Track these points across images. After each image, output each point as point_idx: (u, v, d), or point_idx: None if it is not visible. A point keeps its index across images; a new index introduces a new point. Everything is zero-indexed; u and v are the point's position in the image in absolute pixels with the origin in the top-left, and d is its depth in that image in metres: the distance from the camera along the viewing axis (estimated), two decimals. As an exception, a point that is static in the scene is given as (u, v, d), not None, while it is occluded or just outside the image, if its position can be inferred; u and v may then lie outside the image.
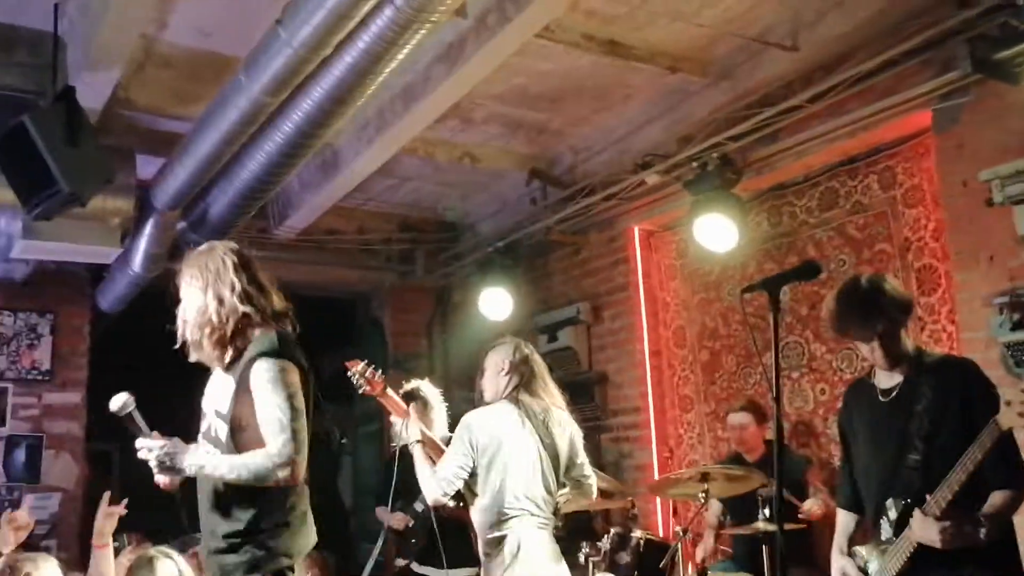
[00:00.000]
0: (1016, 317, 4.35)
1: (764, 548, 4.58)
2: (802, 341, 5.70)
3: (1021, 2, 4.10)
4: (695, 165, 5.63)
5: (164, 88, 5.52)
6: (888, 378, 3.32)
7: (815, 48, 5.09)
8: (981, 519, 2.99)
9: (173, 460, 2.97)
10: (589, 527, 6.32)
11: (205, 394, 3.27)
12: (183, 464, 2.97)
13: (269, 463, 2.90)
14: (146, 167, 5.85)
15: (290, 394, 2.97)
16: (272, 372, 2.98)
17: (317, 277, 8.13)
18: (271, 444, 2.93)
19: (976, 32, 4.39)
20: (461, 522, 4.91)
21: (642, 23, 5.09)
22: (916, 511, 3.04)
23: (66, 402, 7.23)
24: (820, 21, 5.01)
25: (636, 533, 5.09)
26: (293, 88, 4.32)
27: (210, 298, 3.07)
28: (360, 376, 4.45)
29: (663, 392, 6.69)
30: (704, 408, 6.40)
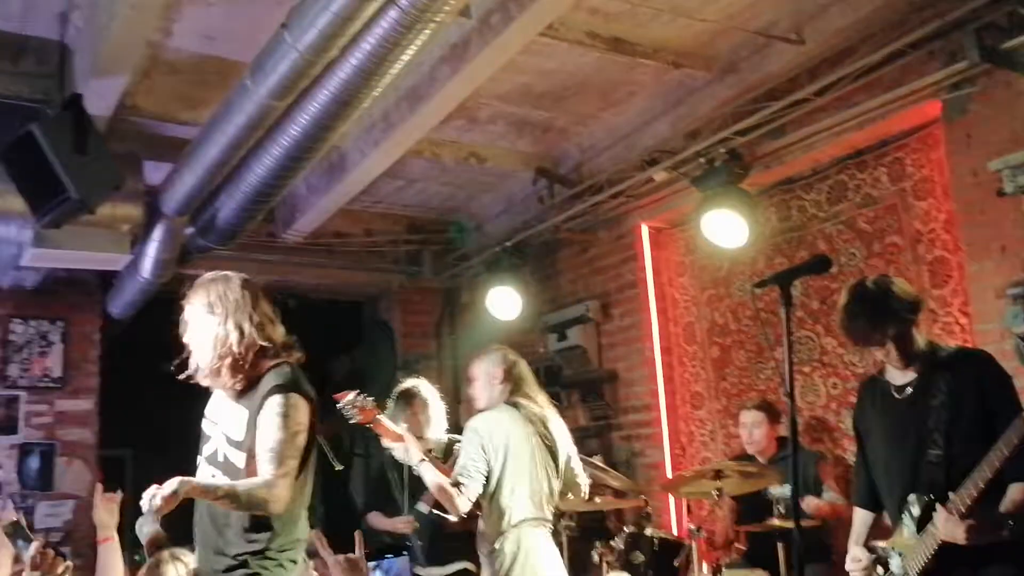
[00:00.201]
0: (1031, 308, 4.33)
1: (779, 545, 4.56)
2: (813, 335, 5.68)
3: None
4: (702, 161, 5.61)
5: (171, 94, 5.52)
6: (902, 375, 3.31)
7: (821, 40, 5.07)
8: (1006, 516, 2.97)
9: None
10: (602, 526, 6.32)
11: (207, 416, 3.34)
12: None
13: (264, 491, 2.98)
14: (154, 173, 5.86)
15: (295, 432, 3.08)
16: (284, 408, 3.08)
17: (325, 280, 8.15)
18: (264, 471, 3.02)
19: (983, 22, 4.36)
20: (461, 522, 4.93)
21: (645, 20, 5.08)
22: (940, 508, 3.02)
23: (78, 409, 7.24)
24: (825, 13, 4.99)
25: (650, 532, 5.08)
26: (299, 92, 4.31)
27: (231, 327, 3.14)
28: (351, 407, 4.47)
29: (674, 389, 6.68)
30: (715, 405, 6.39)
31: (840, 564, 3.60)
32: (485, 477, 4.19)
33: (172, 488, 2.77)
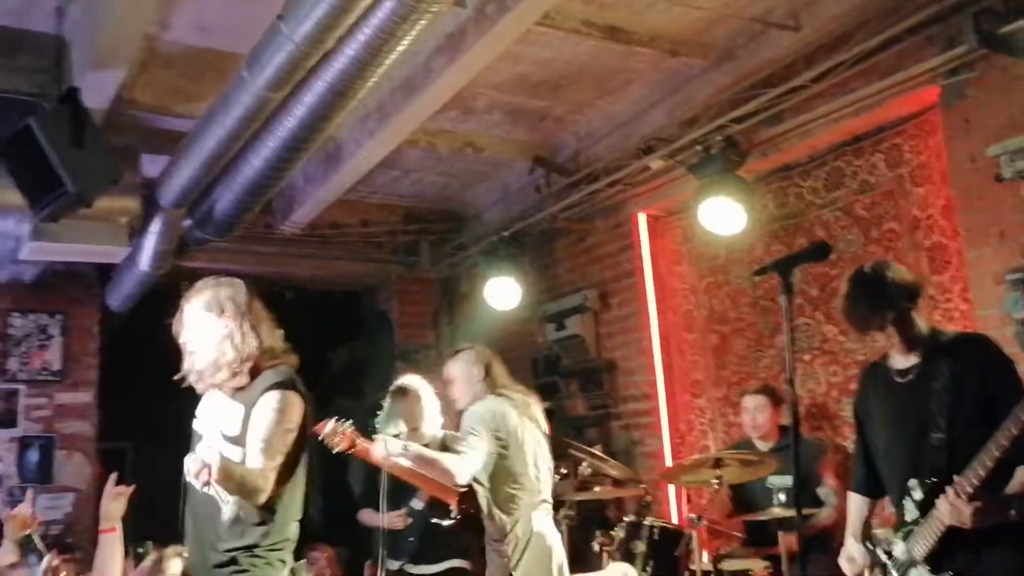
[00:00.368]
0: (1031, 294, 4.32)
1: (779, 534, 4.57)
2: (813, 322, 5.68)
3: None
4: (699, 148, 5.60)
5: (168, 87, 5.52)
6: (904, 360, 3.33)
7: (817, 27, 5.05)
8: (1011, 498, 2.98)
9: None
10: (602, 516, 6.32)
11: (199, 416, 3.40)
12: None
13: (253, 480, 3.09)
14: (151, 166, 5.85)
15: (287, 429, 3.19)
16: (281, 404, 3.19)
17: (323, 271, 8.16)
18: (254, 462, 3.11)
19: (980, 6, 4.35)
20: (433, 492, 4.92)
21: (641, 8, 5.07)
22: (947, 490, 3.02)
23: (77, 402, 7.26)
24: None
25: (649, 521, 5.08)
26: (295, 83, 4.31)
27: (236, 329, 3.25)
28: (332, 435, 4.49)
29: (673, 378, 6.68)
30: (715, 393, 6.40)
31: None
32: (486, 455, 4.18)
33: (212, 461, 2.93)
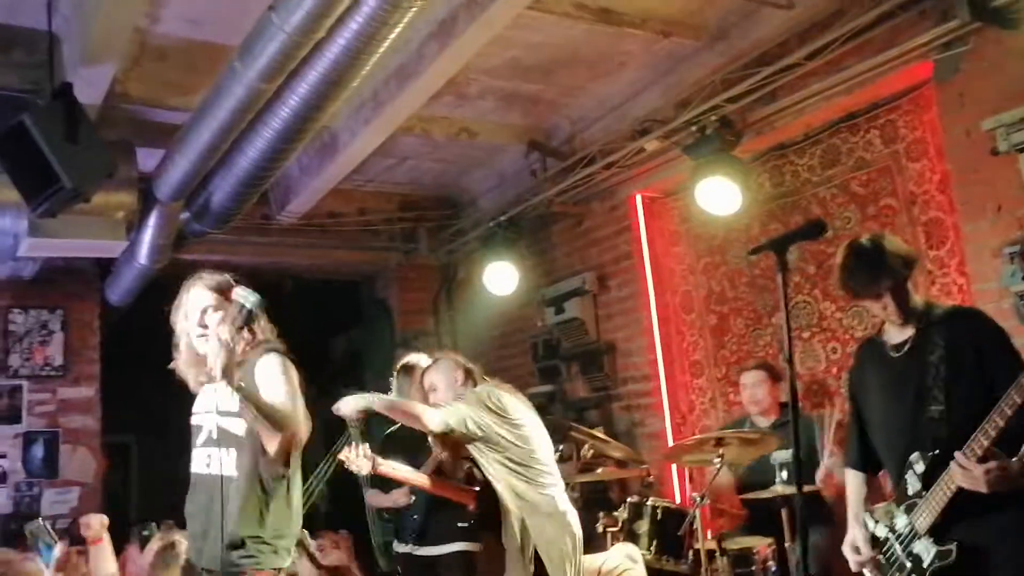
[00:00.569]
0: (1028, 266, 4.33)
1: (783, 512, 4.59)
2: (811, 300, 5.69)
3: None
4: (694, 129, 5.60)
5: (161, 80, 5.51)
6: (899, 333, 3.33)
7: (810, 4, 5.05)
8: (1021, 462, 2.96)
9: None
10: (605, 497, 6.35)
11: (195, 411, 3.45)
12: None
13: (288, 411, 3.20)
14: (147, 160, 5.85)
15: (293, 388, 3.30)
16: (282, 365, 3.33)
17: (321, 260, 8.16)
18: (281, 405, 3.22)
19: (973, -21, 4.35)
20: (453, 498, 4.95)
21: (633, -11, 5.07)
22: (957, 454, 3.00)
23: (80, 396, 7.30)
24: (814, -24, 4.99)
25: (652, 501, 5.10)
26: (288, 73, 4.31)
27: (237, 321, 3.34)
28: (358, 459, 4.59)
29: (672, 358, 6.70)
30: (715, 373, 6.41)
31: (843, 527, 3.61)
32: (467, 420, 4.12)
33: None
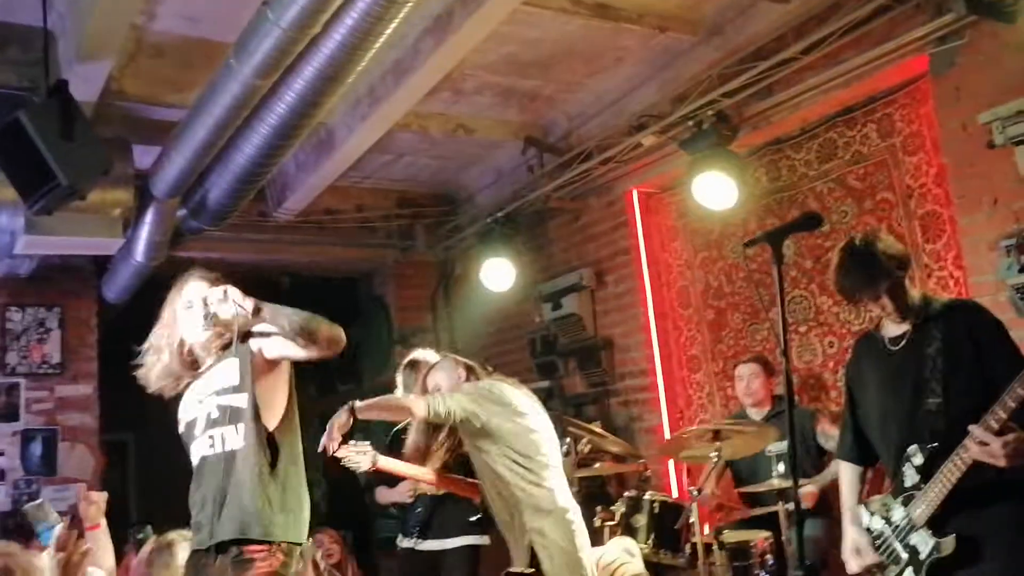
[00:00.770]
0: (1024, 259, 4.34)
1: (780, 504, 4.60)
2: (807, 295, 5.70)
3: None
4: (690, 124, 5.60)
5: (157, 77, 5.50)
6: (896, 328, 3.35)
7: (805, -1, 5.06)
8: None
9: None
10: (603, 492, 6.35)
11: (185, 410, 3.41)
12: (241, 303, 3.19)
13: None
14: (143, 157, 5.85)
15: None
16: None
17: (318, 257, 8.16)
18: None
19: (968, -28, 4.36)
20: (459, 492, 4.96)
21: (629, -16, 5.07)
22: (973, 427, 2.96)
23: (78, 394, 7.30)
24: (810, -30, 4.98)
25: (649, 496, 5.11)
26: (284, 69, 4.30)
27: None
28: (356, 454, 4.57)
29: (670, 353, 6.70)
30: (712, 367, 6.42)
31: (840, 521, 3.61)
32: (460, 409, 4.09)
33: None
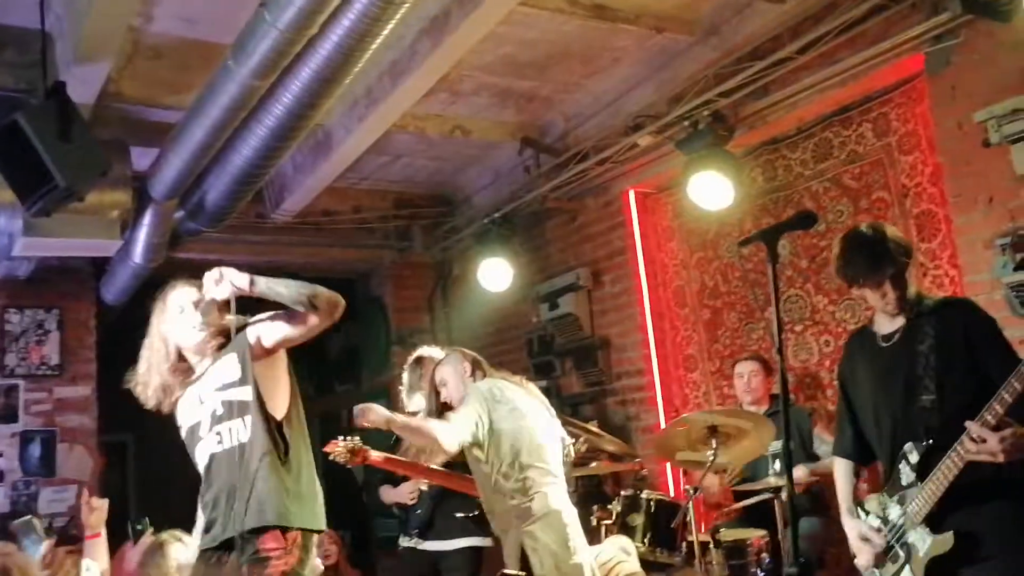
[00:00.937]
0: (1019, 257, 4.33)
1: (776, 503, 4.62)
2: (803, 294, 5.71)
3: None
4: (687, 124, 5.61)
5: (154, 79, 5.51)
6: (889, 323, 3.34)
7: (801, -2, 5.07)
8: None
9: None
10: (599, 491, 6.37)
11: (185, 414, 3.41)
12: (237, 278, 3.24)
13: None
14: (141, 158, 5.86)
15: None
16: None
17: (315, 258, 8.16)
18: None
19: (963, -29, 4.37)
20: (461, 492, 4.96)
21: (625, -15, 5.08)
22: (969, 424, 2.96)
23: (77, 395, 7.30)
24: (806, -29, 5.00)
25: (646, 494, 5.12)
26: (281, 70, 4.31)
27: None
28: (343, 453, 4.56)
29: (666, 353, 6.72)
30: (709, 367, 6.43)
31: (836, 519, 3.62)
32: (478, 425, 4.14)
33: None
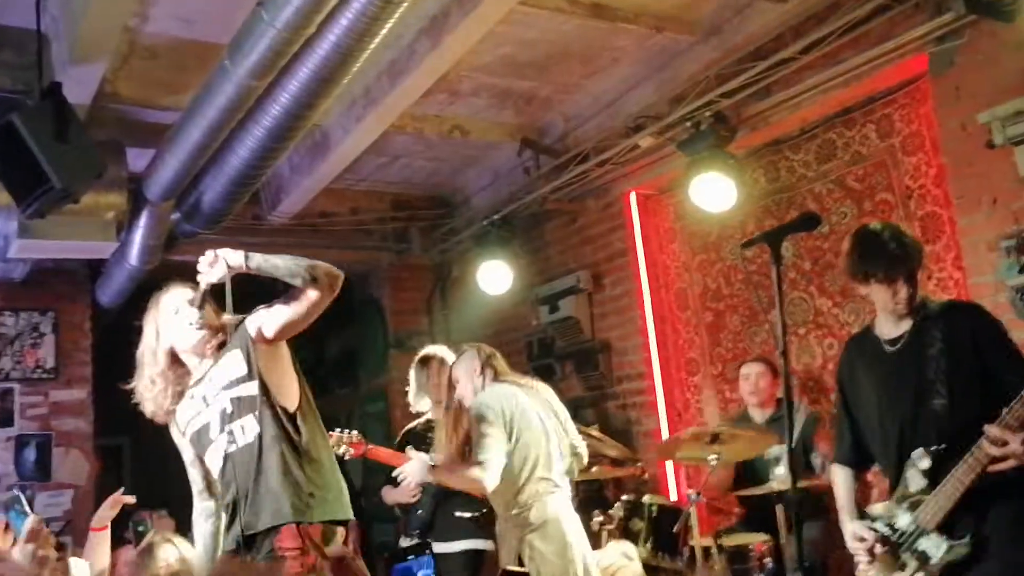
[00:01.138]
0: (1024, 259, 4.32)
1: (778, 507, 4.58)
2: (807, 296, 5.67)
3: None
4: (688, 125, 5.56)
5: (150, 79, 5.46)
6: (894, 328, 3.29)
7: (804, -2, 5.03)
8: None
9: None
10: (601, 495, 6.33)
11: (191, 420, 3.34)
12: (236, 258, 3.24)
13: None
14: (137, 160, 5.82)
15: None
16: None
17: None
18: None
19: (967, -28, 4.33)
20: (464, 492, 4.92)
21: (625, -16, 5.05)
22: (988, 427, 2.91)
23: (73, 399, 7.26)
24: (808, -30, 4.96)
25: (648, 499, 5.10)
26: (278, 70, 4.27)
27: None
28: (340, 444, 4.59)
29: (668, 356, 6.67)
30: (711, 370, 6.39)
31: (837, 523, 3.58)
32: (504, 446, 4.13)
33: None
